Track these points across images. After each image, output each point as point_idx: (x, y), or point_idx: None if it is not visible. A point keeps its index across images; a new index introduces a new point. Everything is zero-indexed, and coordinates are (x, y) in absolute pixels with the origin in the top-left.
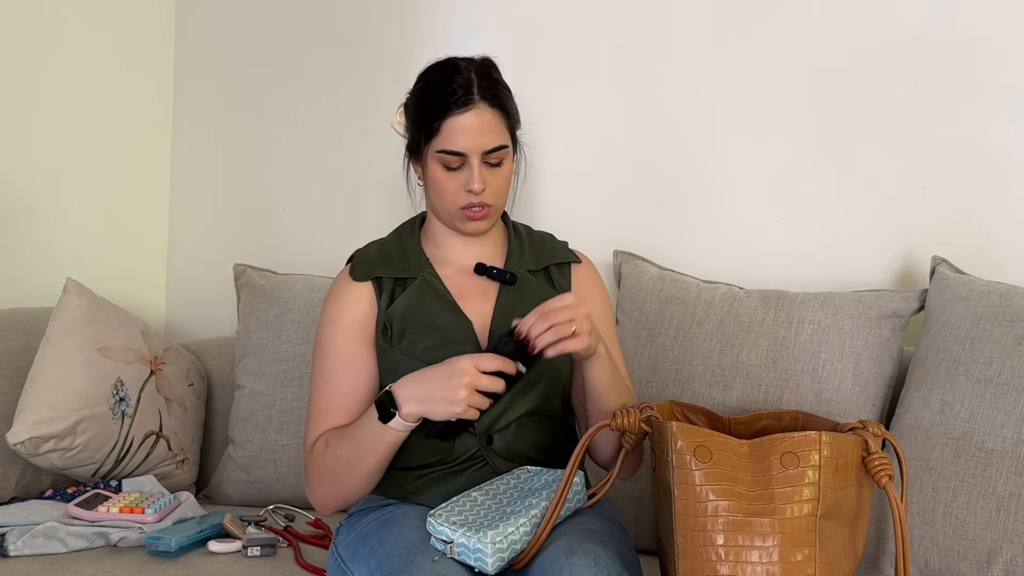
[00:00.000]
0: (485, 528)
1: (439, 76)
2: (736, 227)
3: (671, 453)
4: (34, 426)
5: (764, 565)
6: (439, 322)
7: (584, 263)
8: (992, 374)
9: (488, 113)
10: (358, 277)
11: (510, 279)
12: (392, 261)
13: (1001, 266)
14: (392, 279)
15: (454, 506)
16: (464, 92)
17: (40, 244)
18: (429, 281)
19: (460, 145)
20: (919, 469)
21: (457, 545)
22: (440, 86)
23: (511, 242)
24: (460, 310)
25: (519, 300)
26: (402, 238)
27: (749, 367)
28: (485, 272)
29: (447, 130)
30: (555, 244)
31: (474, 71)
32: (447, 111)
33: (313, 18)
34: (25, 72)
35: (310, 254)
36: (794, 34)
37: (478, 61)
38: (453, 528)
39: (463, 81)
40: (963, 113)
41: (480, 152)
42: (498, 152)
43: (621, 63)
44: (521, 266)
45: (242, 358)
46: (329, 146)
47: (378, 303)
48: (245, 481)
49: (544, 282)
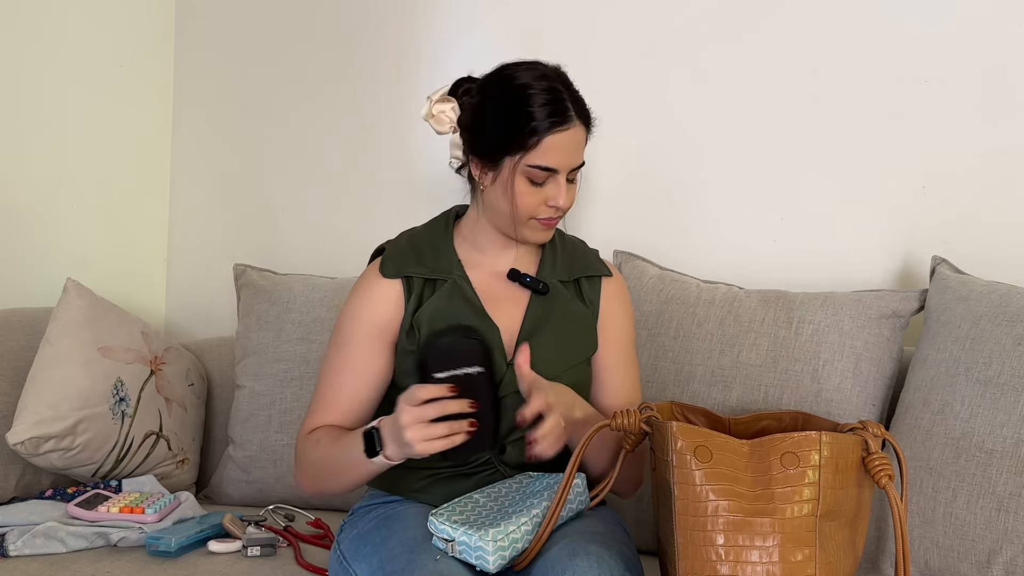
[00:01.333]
0: (487, 526)
1: (536, 86)
2: (736, 227)
3: (671, 453)
4: (34, 426)
5: (764, 565)
6: None
7: (615, 277)
8: (992, 374)
9: (581, 132)
10: (388, 274)
11: (543, 289)
12: (423, 259)
13: (1001, 266)
14: (422, 279)
15: (455, 506)
16: (564, 109)
17: (40, 244)
18: (459, 285)
19: (555, 162)
20: (919, 469)
21: (459, 543)
22: (541, 100)
23: (544, 250)
24: (488, 317)
25: (549, 311)
26: (434, 233)
27: (749, 367)
28: (518, 279)
29: (545, 146)
30: (587, 253)
31: (563, 84)
32: (549, 128)
33: (313, 18)
34: (25, 72)
35: (310, 254)
36: (795, 34)
37: (559, 72)
38: (455, 527)
39: (564, 96)
40: (963, 113)
41: (569, 169)
42: (578, 169)
43: (621, 63)
44: (554, 275)
45: (242, 358)
46: (329, 146)
47: (406, 304)
48: (245, 481)
49: (574, 295)
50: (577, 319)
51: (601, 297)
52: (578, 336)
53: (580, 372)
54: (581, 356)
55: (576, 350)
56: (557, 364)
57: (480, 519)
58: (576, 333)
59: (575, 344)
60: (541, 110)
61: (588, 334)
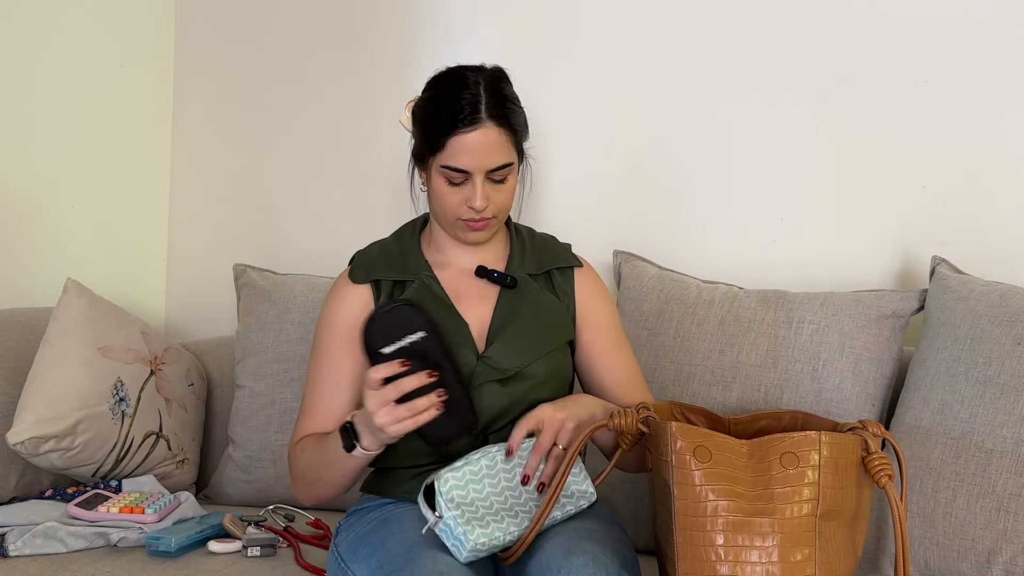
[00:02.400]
0: (475, 523)
1: (447, 89)
2: (736, 227)
3: (671, 453)
4: (34, 426)
5: (764, 565)
6: None
7: (585, 267)
8: (992, 374)
9: (494, 132)
10: (357, 280)
11: (511, 283)
12: (392, 263)
13: (1001, 266)
14: (391, 281)
15: (468, 482)
16: (471, 110)
17: (40, 244)
18: (427, 284)
19: (464, 163)
20: (919, 469)
21: (445, 523)
22: (447, 101)
23: (513, 245)
24: (457, 313)
25: (518, 304)
26: (402, 240)
27: (749, 367)
28: (486, 275)
29: (451, 147)
30: (557, 247)
31: (483, 85)
32: (453, 128)
33: (313, 18)
34: (25, 72)
35: (310, 254)
36: (794, 35)
37: (488, 73)
38: (450, 506)
39: (470, 98)
40: (963, 113)
41: (484, 171)
42: (503, 170)
43: (621, 63)
44: (522, 269)
45: (242, 358)
46: (329, 146)
47: (375, 306)
48: (245, 481)
49: (544, 287)
50: (547, 309)
51: (576, 288)
52: (550, 325)
53: (554, 360)
54: (554, 343)
55: (548, 339)
56: (529, 353)
57: (479, 510)
58: (547, 322)
59: (547, 333)
60: (446, 110)
61: (560, 322)
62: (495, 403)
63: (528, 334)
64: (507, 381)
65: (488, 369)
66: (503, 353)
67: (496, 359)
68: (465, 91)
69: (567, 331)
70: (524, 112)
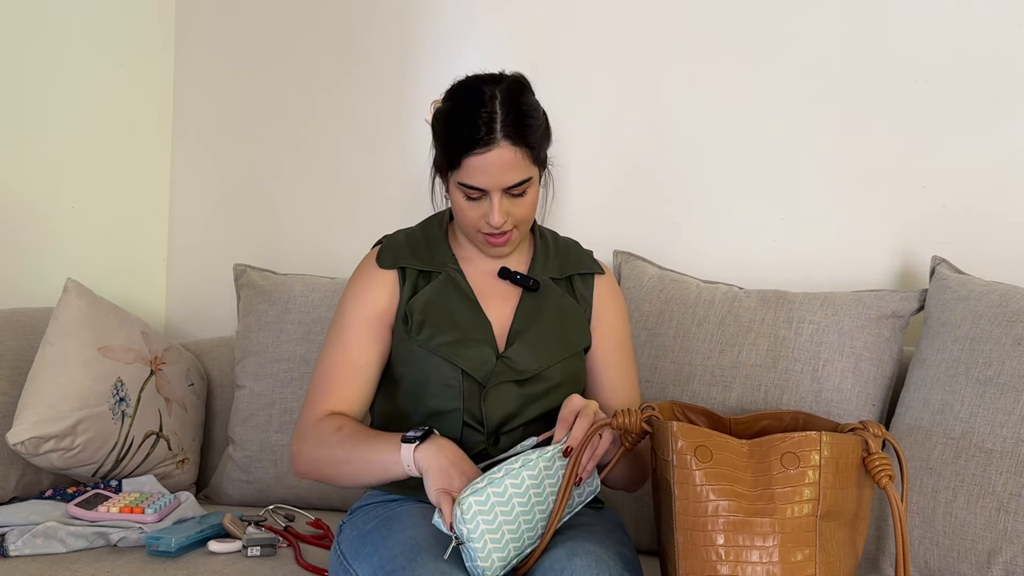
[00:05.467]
0: (499, 551)
1: (463, 105)
2: (736, 227)
3: (672, 453)
4: (34, 426)
5: (764, 565)
6: (459, 319)
7: (607, 275)
8: (992, 374)
9: (510, 152)
10: (384, 264)
11: (533, 286)
12: (419, 253)
13: (1001, 266)
14: (416, 270)
15: (496, 505)
16: (486, 130)
17: (40, 244)
18: (453, 277)
19: (480, 182)
20: (919, 469)
21: (469, 545)
22: (462, 118)
23: (536, 249)
24: (481, 309)
25: (539, 307)
26: (429, 231)
27: (749, 367)
28: (509, 277)
29: (467, 167)
30: (580, 253)
31: (499, 100)
32: (468, 149)
33: (313, 18)
34: (25, 72)
35: (310, 254)
36: (795, 36)
37: (506, 85)
38: (474, 528)
39: (486, 117)
40: (963, 113)
41: (501, 189)
42: (521, 185)
43: (621, 63)
44: (545, 273)
45: (242, 358)
46: (329, 146)
47: (400, 293)
48: (245, 481)
49: (566, 291)
50: (568, 313)
51: (595, 294)
52: (569, 330)
53: (572, 365)
54: (572, 349)
55: (567, 343)
56: (549, 357)
57: (505, 533)
58: (567, 327)
59: (566, 338)
60: (463, 131)
61: (580, 328)
62: (510, 403)
63: (548, 338)
64: (524, 383)
65: (507, 369)
66: (523, 354)
67: (516, 360)
68: (481, 108)
69: (585, 337)
70: (545, 120)
